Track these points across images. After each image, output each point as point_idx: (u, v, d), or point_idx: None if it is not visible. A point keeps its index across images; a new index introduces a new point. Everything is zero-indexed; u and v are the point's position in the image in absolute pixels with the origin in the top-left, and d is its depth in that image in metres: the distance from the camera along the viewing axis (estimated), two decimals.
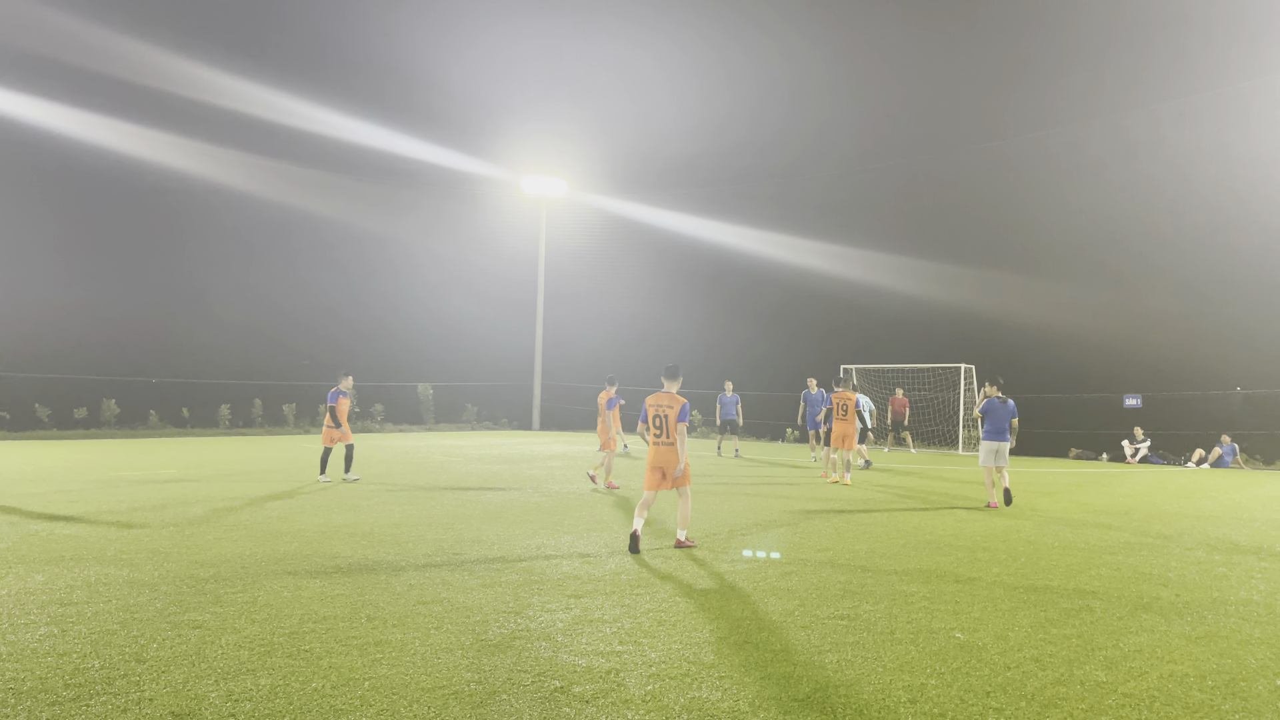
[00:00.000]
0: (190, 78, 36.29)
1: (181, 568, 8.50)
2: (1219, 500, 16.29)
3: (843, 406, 17.93)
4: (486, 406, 43.45)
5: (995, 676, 5.62)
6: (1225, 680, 5.64)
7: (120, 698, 5.02)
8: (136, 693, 5.10)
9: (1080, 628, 6.83)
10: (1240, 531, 12.18)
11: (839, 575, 8.63)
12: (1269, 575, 9.06)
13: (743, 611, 7.15)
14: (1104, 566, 9.34)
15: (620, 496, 15.06)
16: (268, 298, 40.84)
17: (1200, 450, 26.16)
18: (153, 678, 5.36)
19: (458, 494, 15.03)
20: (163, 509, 12.54)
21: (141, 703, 4.95)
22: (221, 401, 35.29)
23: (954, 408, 31.80)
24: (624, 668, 5.67)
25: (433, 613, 6.93)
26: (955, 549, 10.27)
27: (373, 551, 9.49)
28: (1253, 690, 5.45)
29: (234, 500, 13.62)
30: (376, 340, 41.73)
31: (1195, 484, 19.82)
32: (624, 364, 42.76)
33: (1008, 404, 15.01)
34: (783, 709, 4.99)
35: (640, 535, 9.78)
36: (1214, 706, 5.16)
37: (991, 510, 14.05)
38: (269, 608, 7.02)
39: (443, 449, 27.09)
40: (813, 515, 13.10)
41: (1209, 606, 7.62)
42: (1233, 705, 5.18)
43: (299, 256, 41.73)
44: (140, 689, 5.16)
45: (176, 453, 24.14)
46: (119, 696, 5.03)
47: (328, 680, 5.35)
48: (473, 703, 5.01)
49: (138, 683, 5.26)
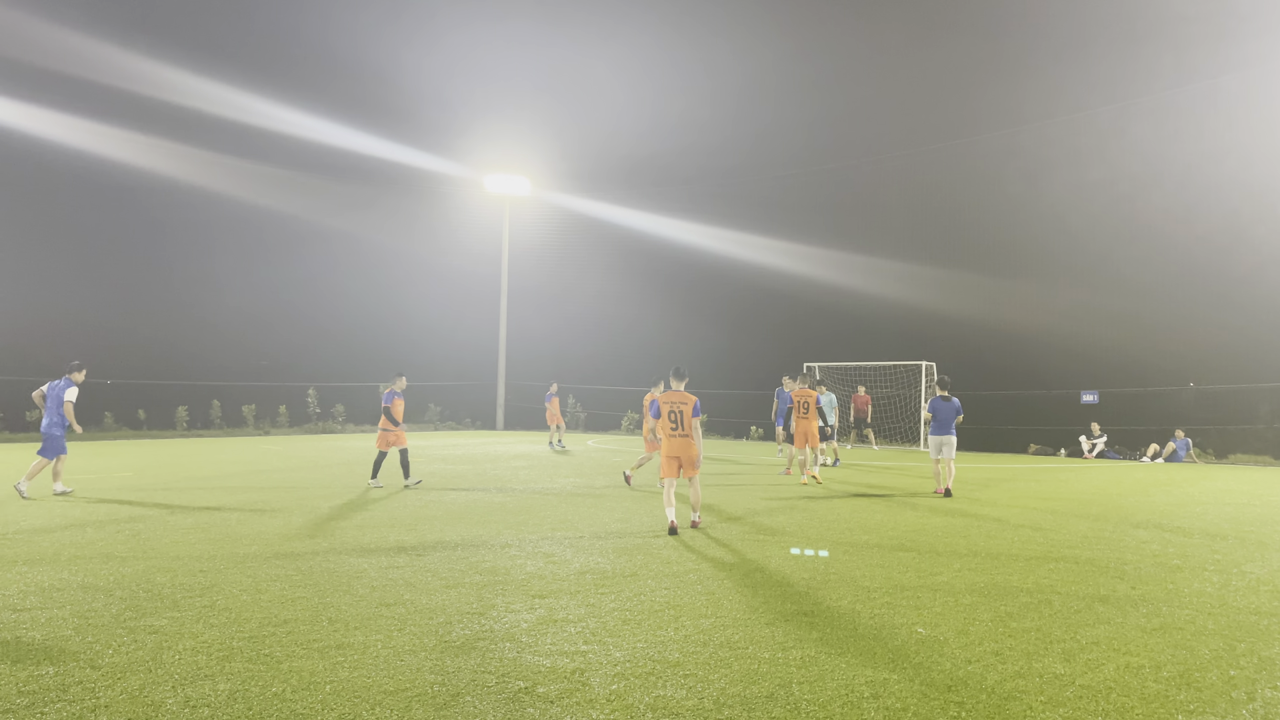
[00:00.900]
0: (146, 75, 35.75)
1: (137, 572, 8.36)
2: (1173, 494, 16.61)
3: (804, 404, 17.64)
4: (450, 406, 43.20)
5: (956, 670, 5.69)
6: (1179, 671, 5.74)
7: (75, 705, 4.92)
8: (92, 699, 5.01)
9: (1039, 621, 6.93)
10: (1194, 525, 12.42)
11: (802, 572, 8.68)
12: (1222, 567, 9.24)
13: (707, 609, 7.17)
14: (1062, 560, 9.48)
15: (594, 496, 15.03)
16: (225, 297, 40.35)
17: (1155, 445, 26.65)
18: (108, 684, 5.26)
19: (420, 495, 14.93)
20: (118, 512, 12.33)
21: (97, 710, 4.86)
22: (179, 403, 34.77)
23: (915, 404, 32.13)
24: (589, 667, 5.66)
25: (395, 615, 6.88)
26: (917, 545, 10.37)
27: (334, 553, 9.39)
28: (1206, 680, 5.56)
29: (191, 503, 13.42)
30: (338, 340, 41.37)
31: (1150, 478, 20.18)
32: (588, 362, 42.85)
33: (951, 402, 16.13)
34: (747, 706, 5.01)
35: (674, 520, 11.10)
36: (1169, 697, 5.26)
37: (952, 508, 14.21)
38: (228, 611, 6.93)
39: None
40: (775, 512, 13.16)
41: (1164, 599, 7.76)
42: (1187, 695, 5.28)
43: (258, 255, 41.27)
44: (95, 695, 5.06)
45: (132, 455, 23.75)
46: (74, 704, 4.94)
47: (288, 684, 5.28)
48: (435, 705, 4.98)
49: (93, 689, 5.17)
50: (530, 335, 44.20)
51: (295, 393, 37.89)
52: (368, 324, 42.61)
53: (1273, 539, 11.23)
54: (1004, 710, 5.00)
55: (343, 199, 43.34)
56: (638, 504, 13.90)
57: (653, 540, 10.48)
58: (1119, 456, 27.30)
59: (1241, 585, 8.36)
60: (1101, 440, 27.70)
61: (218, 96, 37.12)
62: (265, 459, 22.54)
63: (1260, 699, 5.23)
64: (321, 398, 38.18)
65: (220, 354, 38.18)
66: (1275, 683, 5.52)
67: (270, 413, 37.10)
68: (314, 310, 41.78)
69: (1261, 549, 10.44)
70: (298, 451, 25.40)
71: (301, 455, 23.94)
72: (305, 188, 41.75)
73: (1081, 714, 4.95)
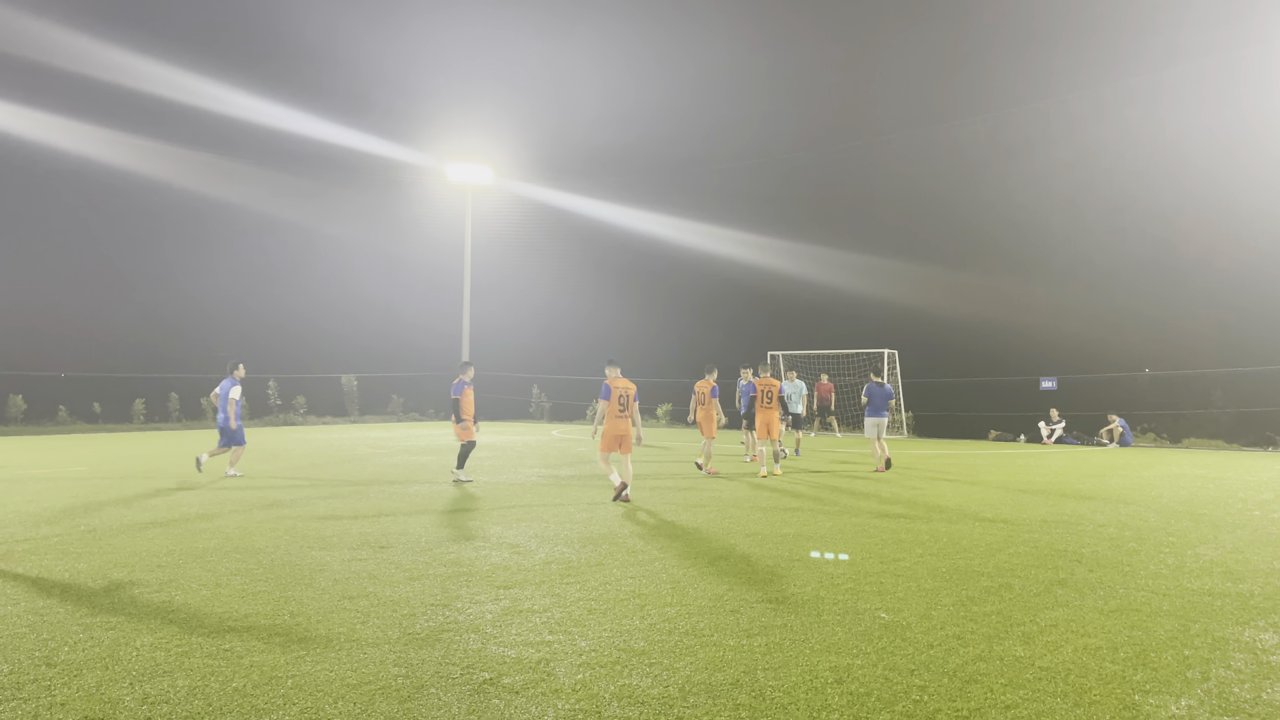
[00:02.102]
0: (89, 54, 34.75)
1: (94, 567, 8.21)
2: (1129, 478, 16.90)
3: (767, 393, 17.17)
4: (413, 397, 42.89)
5: (919, 654, 5.74)
6: (1136, 651, 5.84)
7: (30, 703, 4.83)
8: (47, 697, 4.91)
9: (999, 605, 7.02)
10: (1150, 509, 12.64)
11: (766, 560, 8.73)
12: (1176, 550, 9.42)
13: (672, 598, 7.18)
14: (1022, 544, 9.62)
15: (559, 487, 14.99)
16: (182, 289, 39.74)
17: (1106, 429, 27.15)
18: (64, 681, 5.16)
19: (383, 487, 14.81)
20: (73, 507, 12.11)
21: (53, 707, 4.77)
22: (135, 396, 34.17)
23: None
24: (554, 657, 5.65)
25: (358, 607, 6.82)
26: (879, 531, 10.47)
27: (296, 547, 9.29)
28: (1161, 660, 5.66)
29: (149, 497, 13.21)
30: (298, 331, 40.87)
31: (1108, 463, 20.52)
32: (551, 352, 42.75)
33: (884, 387, 18.22)
34: (711, 693, 5.02)
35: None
36: (1125, 677, 5.35)
37: (914, 495, 14.36)
38: (187, 607, 6.83)
39: (368, 441, 26.68)
40: (740, 501, 13.22)
41: (1120, 581, 7.89)
42: (1144, 675, 5.37)
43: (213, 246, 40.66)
44: (51, 693, 4.97)
45: (88, 449, 23.34)
46: (29, 701, 4.84)
47: (249, 679, 5.22)
48: (399, 697, 4.94)
49: (48, 687, 5.07)
50: (494, 325, 43.98)
51: (255, 385, 37.41)
52: (329, 315, 42.16)
53: (1225, 520, 11.46)
54: (965, 693, 5.06)
55: (299, 189, 42.76)
56: (603, 494, 13.89)
57: (618, 530, 10.48)
58: (1077, 442, 27.74)
59: (1195, 567, 8.52)
60: (1060, 426, 28.12)
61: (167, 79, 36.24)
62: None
63: (1214, 678, 5.33)
64: (282, 389, 37.74)
65: (177, 346, 37.60)
66: (1228, 662, 5.64)
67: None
68: (273, 301, 41.22)
69: (1215, 530, 10.66)
70: (258, 444, 25.09)
71: (262, 448, 23.65)
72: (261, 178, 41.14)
73: (1041, 695, 5.02)
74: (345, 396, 40.11)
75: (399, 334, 43.24)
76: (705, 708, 4.81)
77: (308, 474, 17.04)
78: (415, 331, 43.84)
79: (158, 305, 38.75)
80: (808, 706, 4.84)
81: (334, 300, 42.76)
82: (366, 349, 42.18)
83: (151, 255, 39.49)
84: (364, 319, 42.81)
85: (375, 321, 42.92)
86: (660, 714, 4.71)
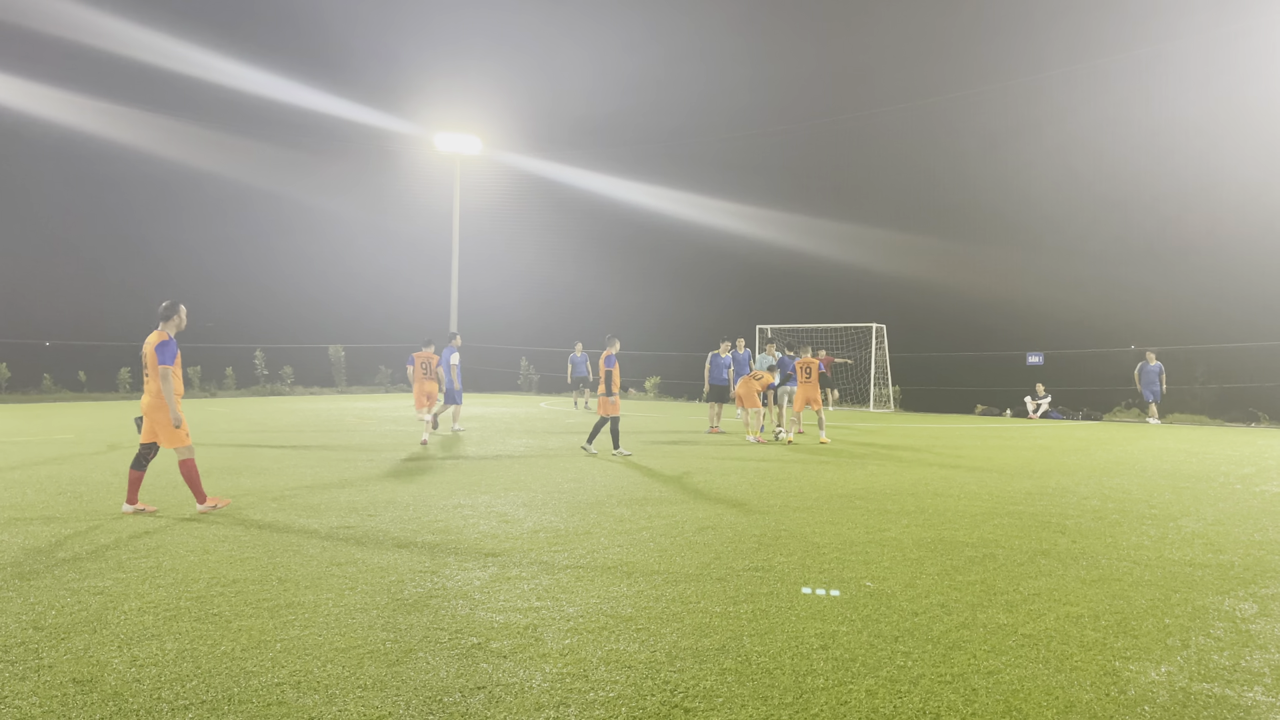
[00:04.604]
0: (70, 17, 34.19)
1: (80, 532, 8.20)
2: (1113, 452, 17.03)
3: (806, 369, 18.76)
4: (400, 369, 42.77)
5: (903, 622, 5.80)
6: (1117, 620, 5.91)
7: (18, 665, 4.83)
8: (35, 660, 4.92)
9: (983, 574, 7.09)
10: (1132, 481, 12.76)
11: (754, 529, 8.78)
12: (1158, 521, 9.52)
13: (660, 565, 7.22)
14: (1006, 516, 9.70)
15: (547, 457, 15.01)
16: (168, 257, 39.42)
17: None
18: (52, 645, 5.17)
19: (371, 455, 14.81)
20: (59, 473, 12.07)
21: (40, 670, 4.77)
22: (120, 364, 34.00)
23: (865, 366, 32.49)
24: (542, 623, 5.69)
25: (346, 574, 6.83)
26: (866, 502, 10.54)
27: (284, 514, 9.30)
28: (1142, 629, 5.74)
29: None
30: (284, 301, 40.67)
31: (1092, 437, 20.67)
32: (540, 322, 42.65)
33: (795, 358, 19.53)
34: (698, 658, 5.07)
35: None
36: (1106, 644, 5.41)
37: (900, 467, 14.45)
38: (175, 572, 6.83)
39: (355, 411, 26.64)
40: (728, 472, 13.28)
41: (1103, 552, 7.98)
42: (1124, 643, 5.44)
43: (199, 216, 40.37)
44: (39, 656, 4.98)
45: (73, 417, 23.24)
46: (16, 664, 4.85)
47: (237, 643, 5.23)
48: (388, 661, 4.97)
49: (36, 650, 5.07)
50: (483, 296, 43.84)
51: (242, 354, 37.28)
52: (316, 285, 41.95)
53: (1206, 494, 11.58)
54: (949, 659, 5.12)
55: (284, 159, 42.35)
56: (591, 464, 13.93)
57: (606, 499, 10.52)
58: (1062, 416, 27.92)
59: (1176, 538, 8.61)
60: (1046, 401, 28.29)
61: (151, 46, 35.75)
62: (212, 420, 22.17)
63: (1194, 646, 5.41)
64: (269, 359, 37.60)
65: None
66: (1207, 630, 5.71)
67: (216, 374, 36.48)
68: (260, 272, 40.99)
69: (1196, 503, 10.77)
70: (245, 414, 25.04)
71: (249, 417, 23.61)
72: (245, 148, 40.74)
73: (1023, 661, 5.09)
74: (332, 367, 40.00)
75: (387, 305, 43.08)
76: (692, 672, 4.85)
77: (295, 442, 17.01)
78: (403, 303, 43.68)
79: (142, 274, 38.46)
80: (793, 671, 4.89)
81: (321, 271, 42.55)
82: (354, 320, 42.04)
83: (137, 224, 39.18)
84: (352, 290, 42.64)
85: (363, 292, 42.74)
86: (647, 678, 4.75)
